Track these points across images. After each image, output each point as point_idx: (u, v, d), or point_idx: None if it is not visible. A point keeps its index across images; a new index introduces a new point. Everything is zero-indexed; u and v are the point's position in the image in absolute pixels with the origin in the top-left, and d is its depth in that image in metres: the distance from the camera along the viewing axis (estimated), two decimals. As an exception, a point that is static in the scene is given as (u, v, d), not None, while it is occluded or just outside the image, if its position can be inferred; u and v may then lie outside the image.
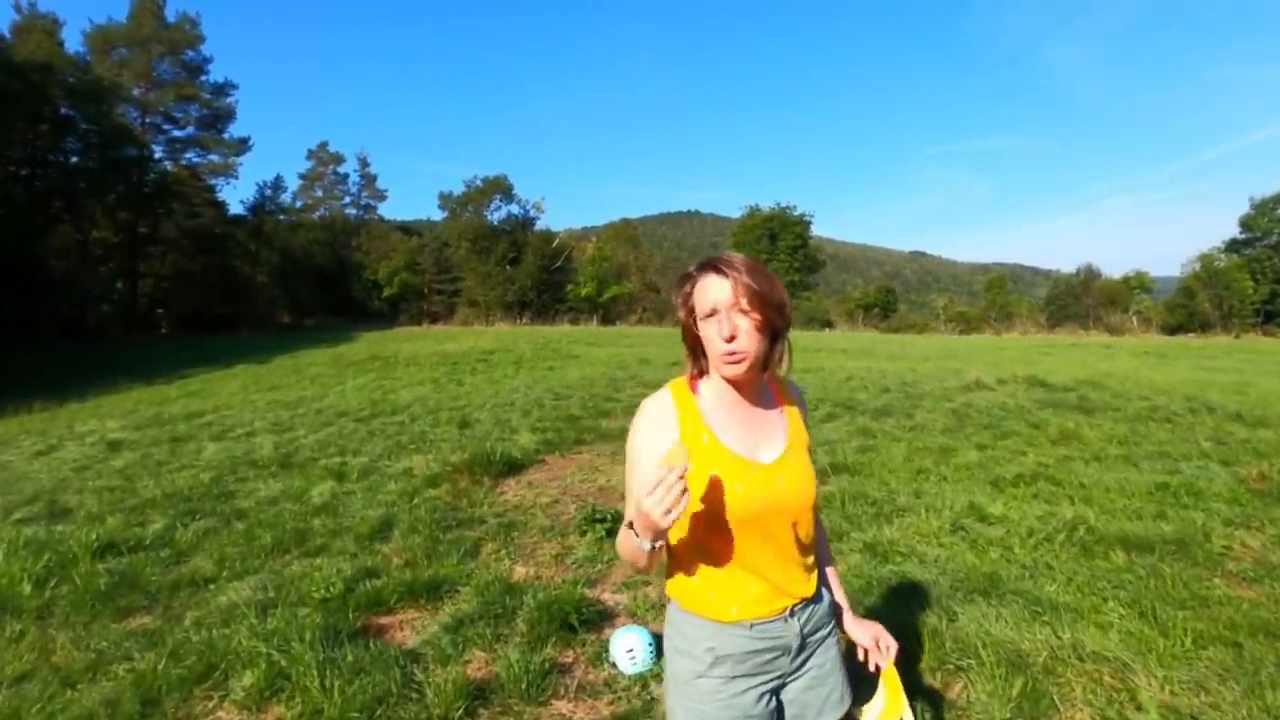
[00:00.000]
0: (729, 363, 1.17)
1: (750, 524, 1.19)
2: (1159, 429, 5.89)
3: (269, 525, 4.44)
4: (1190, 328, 32.47)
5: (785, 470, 1.24)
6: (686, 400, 1.26)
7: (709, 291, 1.18)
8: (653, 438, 1.23)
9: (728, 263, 1.18)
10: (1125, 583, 2.92)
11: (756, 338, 1.17)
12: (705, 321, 1.19)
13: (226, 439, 7.90)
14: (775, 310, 1.18)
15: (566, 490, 5.20)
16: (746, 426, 1.26)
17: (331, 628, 2.87)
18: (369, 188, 46.13)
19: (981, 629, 2.50)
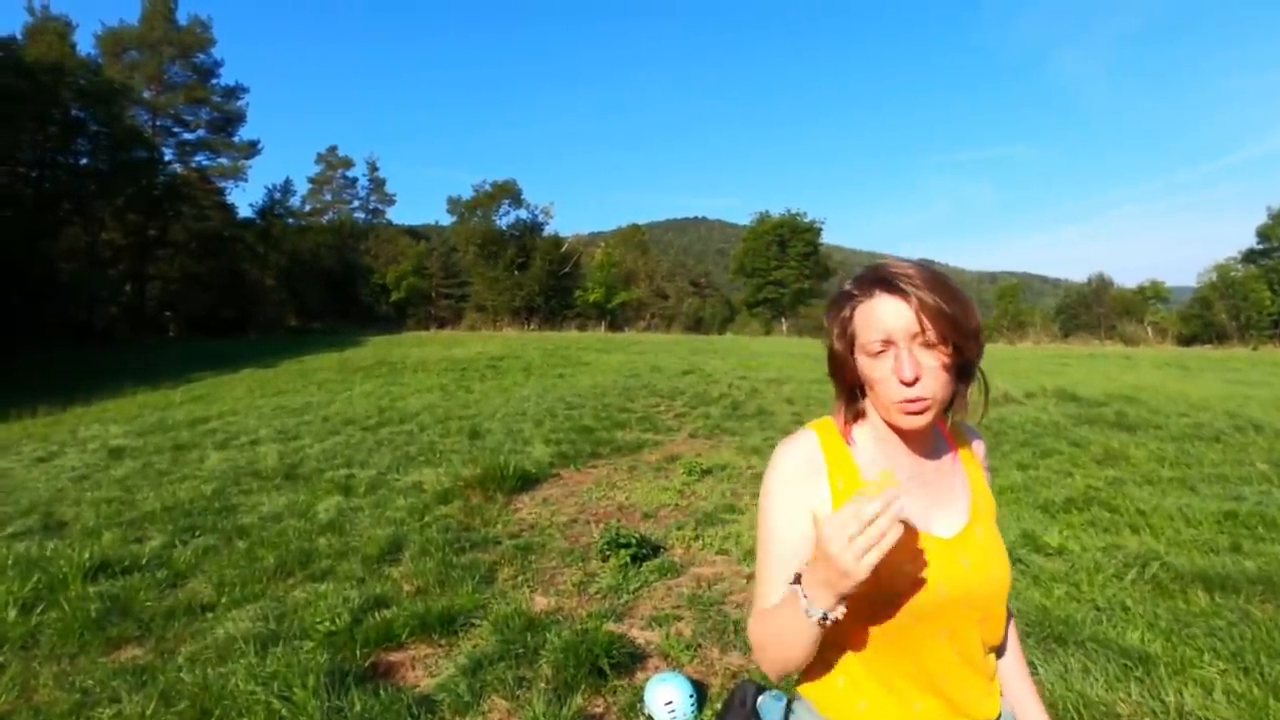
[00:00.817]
0: (910, 412, 0.88)
1: (926, 619, 0.90)
2: (1209, 449, 5.58)
3: (272, 544, 4.20)
4: (1206, 339, 31.97)
5: (971, 548, 0.94)
6: (838, 446, 0.97)
7: (881, 316, 0.88)
8: (796, 494, 0.95)
9: (905, 276, 0.88)
10: (1216, 630, 2.63)
11: (945, 379, 0.88)
12: (875, 358, 0.89)
13: (230, 447, 7.68)
14: (972, 339, 0.89)
15: (584, 508, 4.94)
16: (916, 489, 0.95)
17: (337, 668, 2.61)
18: (378, 192, 46.13)
19: (1069, 687, 2.22)
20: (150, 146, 29.51)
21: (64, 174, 26.30)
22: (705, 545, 4.02)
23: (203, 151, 33.92)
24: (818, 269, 41.20)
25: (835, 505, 0.93)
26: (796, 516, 0.94)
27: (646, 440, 7.18)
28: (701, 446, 6.81)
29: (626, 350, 18.62)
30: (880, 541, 0.75)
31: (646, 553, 3.79)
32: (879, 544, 0.75)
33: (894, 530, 0.75)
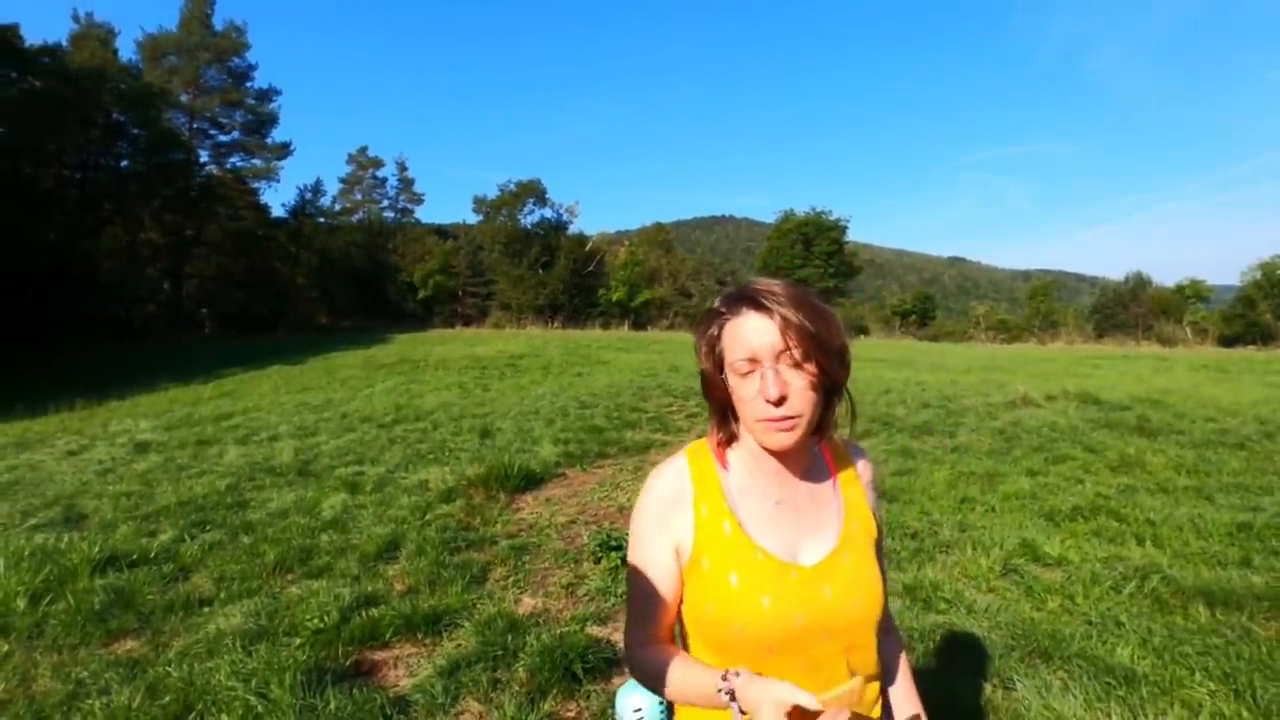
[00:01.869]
0: (777, 430, 0.87)
1: (783, 651, 0.89)
2: (1232, 457, 5.37)
3: (275, 541, 4.28)
4: (1250, 340, 30.82)
5: (835, 576, 0.92)
6: (707, 471, 0.96)
7: (747, 334, 0.87)
8: (660, 527, 0.95)
9: (770, 294, 0.87)
10: (1212, 648, 2.53)
11: (812, 397, 0.87)
12: (743, 378, 0.88)
13: (250, 443, 7.86)
14: (836, 359, 0.87)
15: (585, 509, 4.95)
16: (785, 514, 0.94)
17: (318, 667, 2.65)
18: (406, 191, 46.81)
19: (1045, 705, 2.16)
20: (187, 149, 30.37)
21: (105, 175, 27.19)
22: (699, 549, 3.99)
23: (237, 153, 34.80)
24: (843, 267, 40.73)
25: (698, 534, 0.92)
26: (659, 550, 0.95)
27: (655, 441, 7.17)
28: (709, 448, 6.76)
29: (647, 350, 18.63)
30: None
31: (637, 556, 3.78)
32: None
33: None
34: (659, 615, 0.97)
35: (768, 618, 0.88)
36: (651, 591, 0.96)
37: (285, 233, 36.08)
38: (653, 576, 0.96)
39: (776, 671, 0.86)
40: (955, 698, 2.24)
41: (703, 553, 0.92)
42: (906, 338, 34.90)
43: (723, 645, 0.90)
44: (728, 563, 0.91)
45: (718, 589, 0.91)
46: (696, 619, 0.95)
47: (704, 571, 0.92)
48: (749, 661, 0.87)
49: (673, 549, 0.95)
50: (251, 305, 32.02)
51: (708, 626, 0.92)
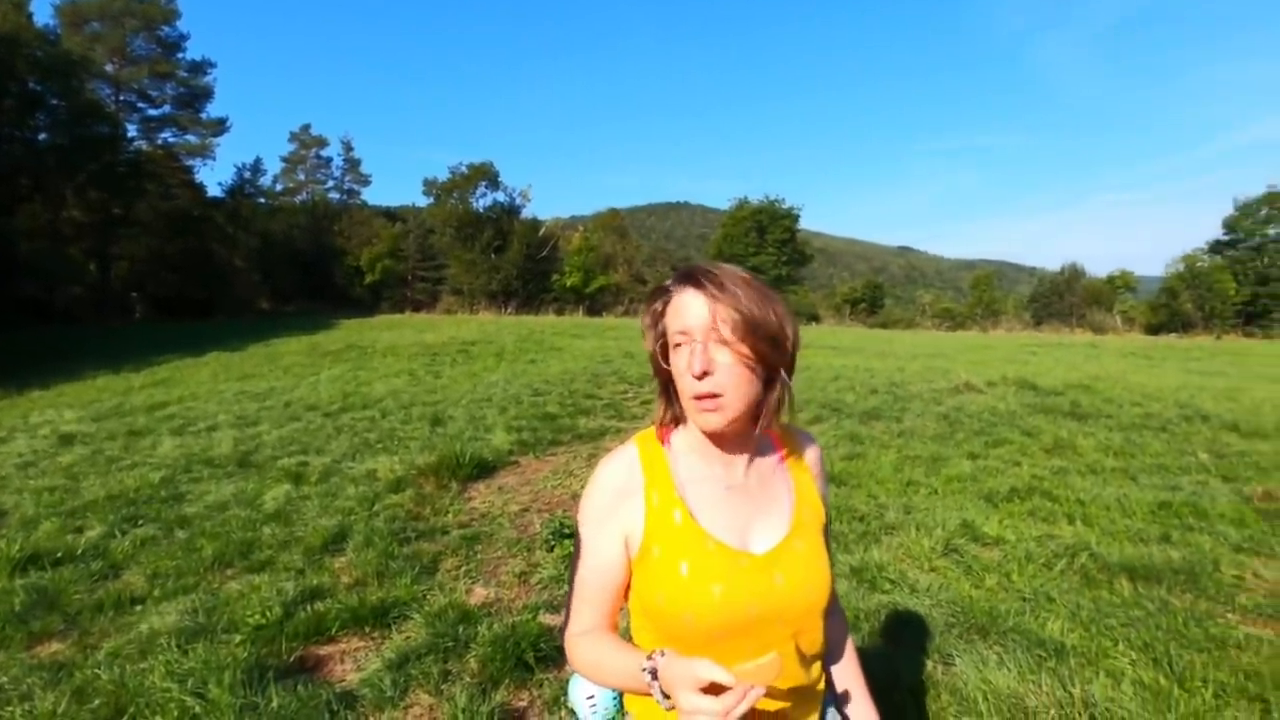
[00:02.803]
0: (703, 408, 0.87)
1: (732, 637, 0.89)
2: (1154, 439, 5.69)
3: (213, 535, 4.12)
4: (1173, 328, 32.65)
5: (786, 563, 0.93)
6: (657, 460, 0.96)
7: (684, 311, 0.87)
8: (610, 517, 0.95)
9: (709, 275, 0.87)
10: (1134, 620, 2.68)
11: (743, 377, 0.86)
12: (675, 350, 0.89)
13: (186, 434, 7.53)
14: (768, 342, 0.87)
15: (538, 497, 4.91)
16: (736, 500, 0.95)
17: (260, 664, 2.57)
18: (352, 172, 45.28)
19: (981, 678, 2.25)
20: (113, 122, 28.62)
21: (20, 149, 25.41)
22: (652, 535, 4.01)
23: (169, 128, 32.99)
24: (795, 255, 41.32)
25: (648, 523, 0.92)
26: (608, 540, 0.94)
27: (610, 428, 7.16)
28: (663, 434, 6.80)
29: (601, 336, 18.56)
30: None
31: (591, 543, 3.78)
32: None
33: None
34: (603, 604, 0.97)
35: (719, 606, 0.88)
36: (598, 580, 0.96)
37: (223, 213, 34.45)
38: (600, 565, 0.96)
39: (725, 657, 0.86)
40: (898, 675, 2.32)
41: (653, 541, 0.92)
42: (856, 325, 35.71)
43: (673, 634, 0.90)
44: (678, 551, 0.91)
45: (668, 578, 0.90)
46: (646, 608, 0.94)
47: (654, 560, 0.92)
48: (699, 649, 0.87)
49: (622, 538, 0.94)
50: (187, 289, 30.56)
51: (657, 616, 0.92)
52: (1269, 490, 4.09)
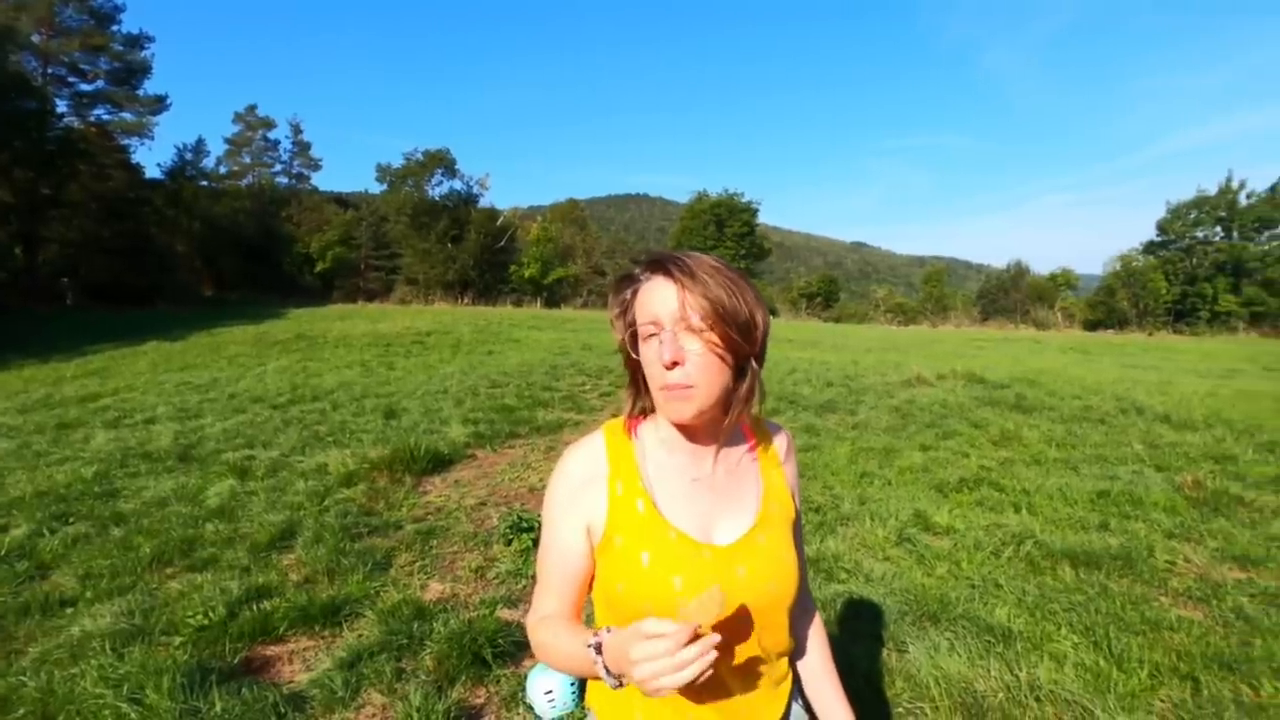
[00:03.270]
0: (673, 398, 0.85)
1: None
2: (1094, 431, 5.93)
3: (151, 532, 3.94)
4: (1110, 324, 34.19)
5: (749, 556, 0.91)
6: (623, 450, 0.94)
7: (653, 300, 0.85)
8: (573, 505, 0.93)
9: (679, 263, 0.85)
10: (1076, 604, 2.79)
11: (714, 366, 0.84)
12: (645, 341, 0.86)
13: (121, 426, 7.17)
14: (740, 330, 0.85)
15: (495, 490, 4.84)
16: (702, 492, 0.93)
17: (202, 666, 2.46)
18: (302, 155, 43.74)
19: (933, 664, 2.31)
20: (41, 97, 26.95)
21: (-63, 123, 23.77)
22: (611, 528, 4.00)
23: (102, 105, 31.21)
24: (754, 249, 41.74)
25: (611, 513, 0.90)
26: (570, 529, 0.93)
27: (568, 420, 7.11)
28: (622, 427, 6.79)
29: (560, 328, 18.43)
30: (680, 676, 0.71)
31: (549, 536, 3.75)
32: (680, 677, 0.71)
33: (701, 667, 0.71)
34: (566, 593, 0.96)
35: (680, 597, 0.87)
36: (561, 569, 0.95)
37: (162, 196, 32.84)
38: (562, 553, 0.94)
39: None
40: (854, 662, 2.36)
41: (615, 531, 0.91)
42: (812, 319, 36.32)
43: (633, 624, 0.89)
44: (640, 541, 0.89)
45: (629, 568, 0.89)
46: (607, 598, 0.93)
47: (616, 550, 0.90)
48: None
49: (584, 527, 0.93)
50: (124, 275, 29.08)
51: (618, 605, 0.90)
52: (1198, 479, 4.31)
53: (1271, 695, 2.17)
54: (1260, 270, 34.10)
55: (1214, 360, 15.98)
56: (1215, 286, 34.45)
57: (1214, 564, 3.23)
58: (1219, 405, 7.31)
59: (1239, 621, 2.68)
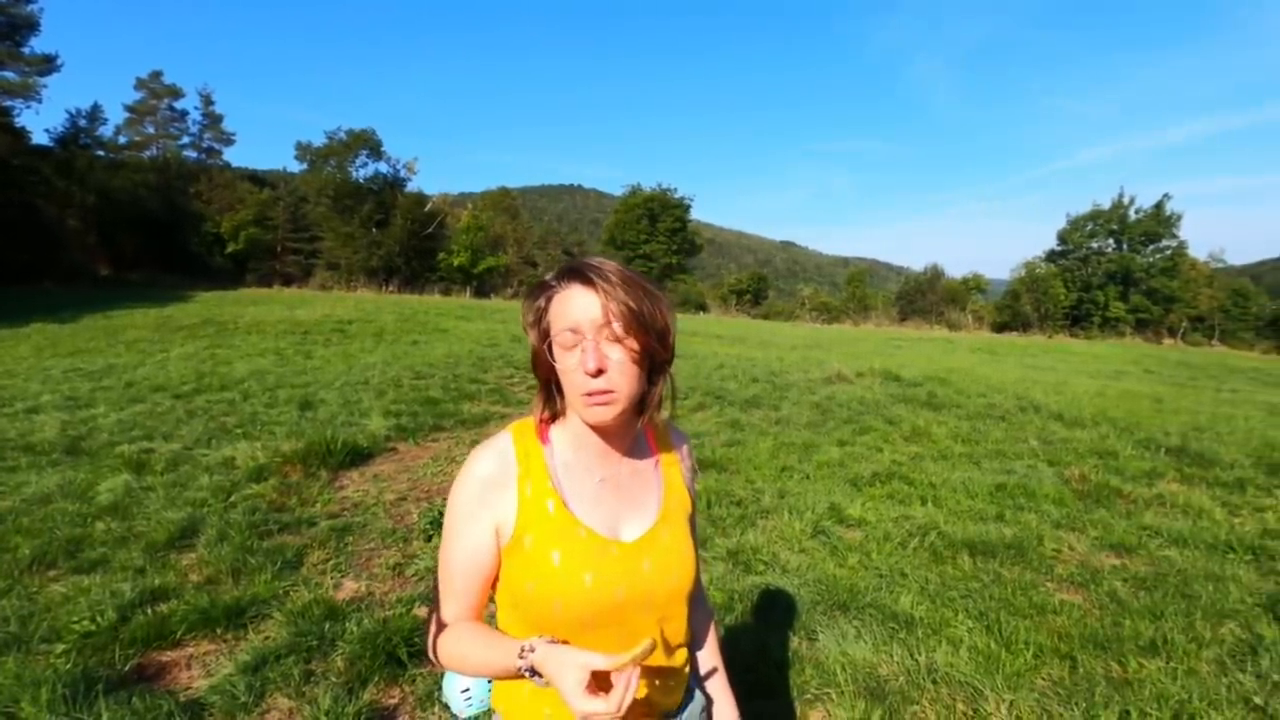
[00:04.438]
0: (595, 404, 0.87)
1: (601, 625, 0.90)
2: (995, 427, 6.33)
3: (31, 531, 3.63)
4: (1014, 327, 36.48)
5: (654, 550, 0.95)
6: (532, 450, 0.95)
7: (570, 308, 0.87)
8: (481, 506, 0.93)
9: (597, 271, 0.87)
10: (972, 591, 2.98)
11: (632, 372, 0.87)
12: (565, 349, 0.87)
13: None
14: (657, 338, 0.88)
15: (416, 485, 4.73)
16: (608, 490, 0.96)
17: (86, 675, 2.29)
18: (213, 128, 41.00)
19: (841, 651, 2.42)
20: (-94, 48, 24.26)
21: None
22: (536, 522, 3.98)
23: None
24: (685, 245, 42.18)
25: (520, 513, 0.91)
26: (479, 530, 0.93)
27: (494, 413, 7.01)
28: (549, 420, 6.76)
29: (489, 318, 18.11)
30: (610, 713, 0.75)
31: (471, 532, 3.69)
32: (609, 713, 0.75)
33: (624, 703, 0.76)
34: (471, 595, 0.96)
35: (589, 593, 0.89)
36: (467, 571, 0.94)
37: (51, 164, 30.13)
38: (470, 556, 0.94)
39: (593, 644, 0.86)
40: (767, 651, 2.44)
41: (525, 531, 0.91)
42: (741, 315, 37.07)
43: (540, 622, 0.90)
44: (550, 541, 0.90)
45: (539, 567, 0.90)
46: (515, 598, 0.93)
47: (525, 550, 0.91)
48: (567, 636, 0.88)
49: (493, 528, 0.93)
50: (6, 251, 26.59)
51: (527, 604, 0.91)
52: (1083, 473, 4.67)
53: (1136, 671, 2.38)
54: (1145, 280, 37.16)
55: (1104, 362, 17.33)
56: (1107, 294, 37.29)
57: (1093, 552, 3.51)
58: (1105, 404, 7.93)
59: (1112, 604, 2.93)
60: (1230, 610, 2.87)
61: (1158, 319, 36.58)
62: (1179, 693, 2.24)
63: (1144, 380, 12.95)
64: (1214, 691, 2.26)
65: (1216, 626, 2.72)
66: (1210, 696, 2.23)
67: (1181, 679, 2.33)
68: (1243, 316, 36.45)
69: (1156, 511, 4.20)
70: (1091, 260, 39.10)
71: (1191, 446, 5.74)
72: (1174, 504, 4.32)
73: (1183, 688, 2.27)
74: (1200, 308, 36.74)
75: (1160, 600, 2.94)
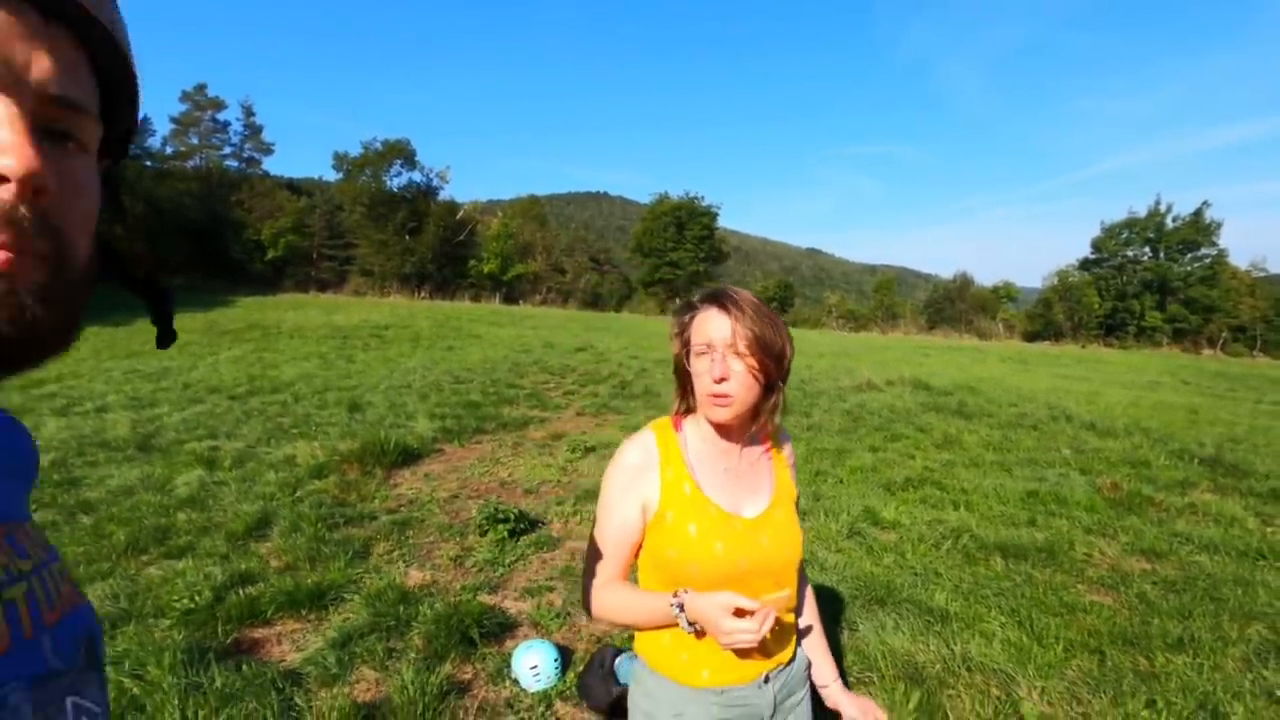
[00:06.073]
0: (715, 404, 1.09)
1: (728, 584, 1.11)
2: (1027, 436, 6.41)
3: (123, 520, 3.95)
4: (1046, 336, 35.96)
5: (769, 527, 1.17)
6: (671, 443, 1.18)
7: (707, 326, 1.10)
8: (631, 486, 1.16)
9: (733, 299, 1.10)
10: (1004, 590, 3.12)
11: (749, 383, 1.09)
12: (698, 357, 1.11)
13: (71, 414, 7.00)
14: (774, 359, 1.10)
15: (466, 484, 4.98)
16: (731, 477, 1.18)
17: (197, 646, 2.56)
18: (254, 139, 42.34)
19: (881, 641, 2.59)
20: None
21: None
22: (583, 520, 4.20)
23: (39, 76, 29.71)
24: (713, 252, 42.32)
25: (662, 494, 1.13)
26: (629, 508, 1.16)
27: (533, 417, 7.27)
28: (587, 424, 6.98)
29: (520, 325, 18.48)
30: (745, 641, 0.99)
31: (524, 527, 3.92)
32: (745, 641, 0.99)
33: (758, 638, 1.00)
34: (621, 560, 1.18)
35: (719, 559, 1.11)
36: (620, 541, 1.17)
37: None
38: (621, 529, 1.16)
39: None
40: (811, 640, 2.62)
41: (667, 508, 1.13)
42: (767, 323, 37.04)
43: (680, 582, 1.11)
44: (688, 516, 1.12)
45: (680, 538, 1.11)
46: (659, 562, 1.15)
47: (668, 524, 1.13)
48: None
49: (640, 507, 1.16)
50: (58, 256, 27.73)
51: (668, 568, 1.13)
52: (1115, 482, 4.76)
53: (1163, 665, 2.52)
54: (1183, 289, 36.36)
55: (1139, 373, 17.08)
56: (1143, 303, 36.58)
57: (1124, 556, 3.62)
58: (1139, 415, 7.93)
59: (1141, 605, 3.05)
60: (1258, 612, 2.97)
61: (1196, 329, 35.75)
62: (1204, 685, 2.37)
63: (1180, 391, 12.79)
64: (1238, 685, 2.39)
65: (1244, 627, 2.83)
66: (1234, 689, 2.36)
67: (1207, 673, 2.46)
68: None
69: (1188, 519, 4.28)
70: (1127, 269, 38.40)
71: (1226, 457, 5.77)
72: (1206, 513, 4.39)
73: (1208, 681, 2.40)
74: (1241, 317, 35.83)
75: (1189, 602, 3.06)
